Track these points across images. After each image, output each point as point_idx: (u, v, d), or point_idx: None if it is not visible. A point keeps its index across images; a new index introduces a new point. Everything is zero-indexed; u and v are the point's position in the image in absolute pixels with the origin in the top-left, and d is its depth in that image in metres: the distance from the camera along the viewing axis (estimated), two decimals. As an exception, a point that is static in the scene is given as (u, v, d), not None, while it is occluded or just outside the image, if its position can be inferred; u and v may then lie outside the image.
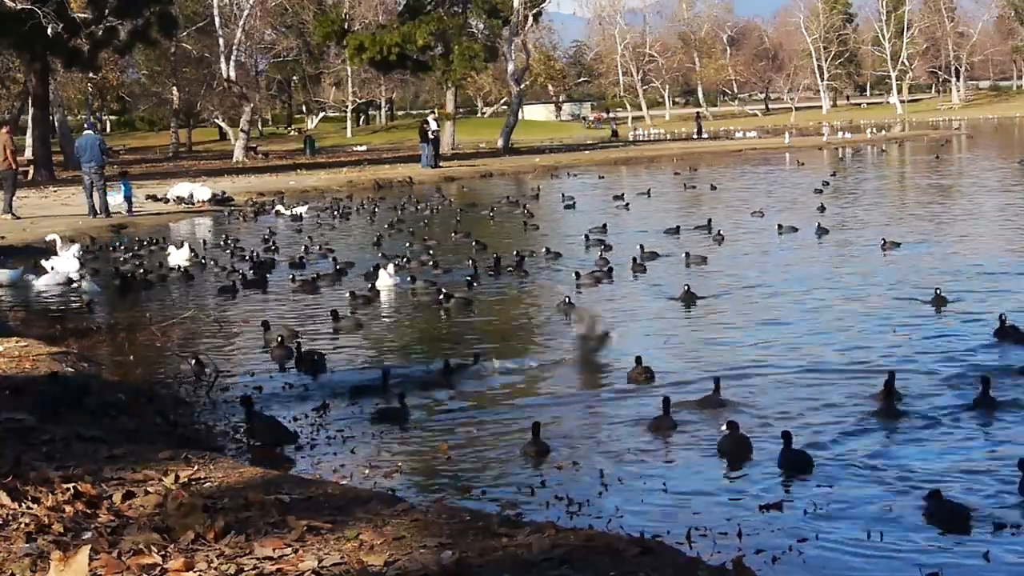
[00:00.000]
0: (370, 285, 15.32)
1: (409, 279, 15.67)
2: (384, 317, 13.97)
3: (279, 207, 29.79)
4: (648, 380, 9.50)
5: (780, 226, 20.43)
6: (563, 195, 30.50)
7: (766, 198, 28.07)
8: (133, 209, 28.28)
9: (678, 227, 21.28)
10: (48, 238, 20.09)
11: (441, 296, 13.82)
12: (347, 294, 14.68)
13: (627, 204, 27.40)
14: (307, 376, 10.27)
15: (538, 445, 7.63)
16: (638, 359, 9.71)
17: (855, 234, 20.04)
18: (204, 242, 22.33)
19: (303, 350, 10.78)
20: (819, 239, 19.29)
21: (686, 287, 13.69)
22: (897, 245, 17.53)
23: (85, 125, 32.39)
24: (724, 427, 7.59)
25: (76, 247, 19.68)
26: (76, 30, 40.88)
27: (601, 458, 7.55)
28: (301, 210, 28.59)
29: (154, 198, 31.88)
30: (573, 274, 15.55)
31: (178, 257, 19.15)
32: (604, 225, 21.51)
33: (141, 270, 18.00)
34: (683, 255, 17.05)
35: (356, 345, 11.98)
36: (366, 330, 12.82)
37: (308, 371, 10.37)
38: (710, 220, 21.35)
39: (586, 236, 20.03)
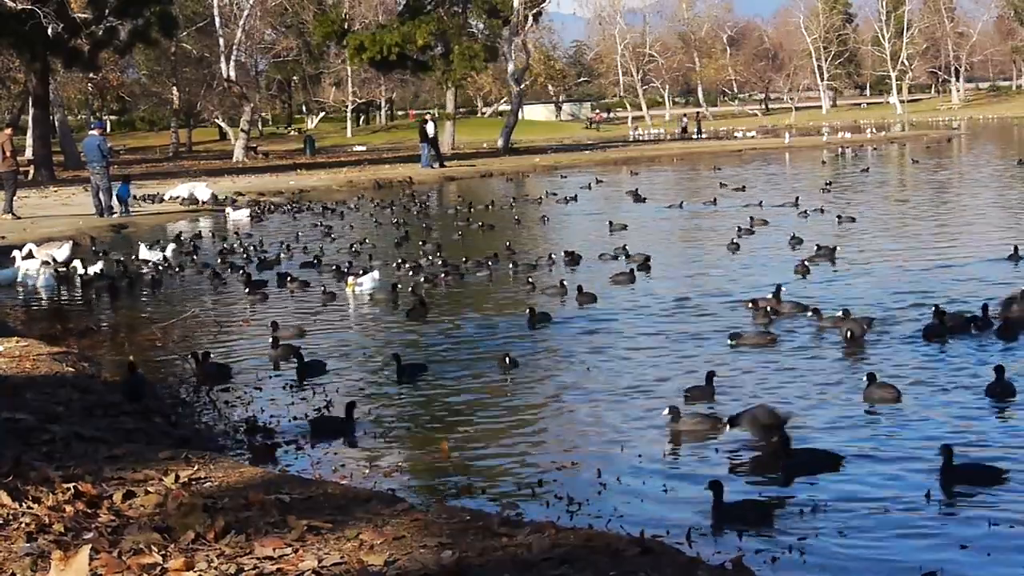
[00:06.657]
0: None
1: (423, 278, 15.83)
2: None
3: (228, 210, 29.23)
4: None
5: (751, 220, 20.60)
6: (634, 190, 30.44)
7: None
8: (131, 210, 28.30)
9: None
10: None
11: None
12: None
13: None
14: (308, 376, 10.25)
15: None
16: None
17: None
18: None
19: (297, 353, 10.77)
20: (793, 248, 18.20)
21: None
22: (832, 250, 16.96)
23: (90, 126, 32.21)
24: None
25: (69, 244, 19.72)
26: (76, 30, 40.87)
27: (601, 458, 7.54)
28: (243, 213, 28.20)
29: (150, 198, 31.87)
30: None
31: (151, 255, 19.18)
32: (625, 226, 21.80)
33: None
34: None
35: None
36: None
37: (305, 373, 10.31)
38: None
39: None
